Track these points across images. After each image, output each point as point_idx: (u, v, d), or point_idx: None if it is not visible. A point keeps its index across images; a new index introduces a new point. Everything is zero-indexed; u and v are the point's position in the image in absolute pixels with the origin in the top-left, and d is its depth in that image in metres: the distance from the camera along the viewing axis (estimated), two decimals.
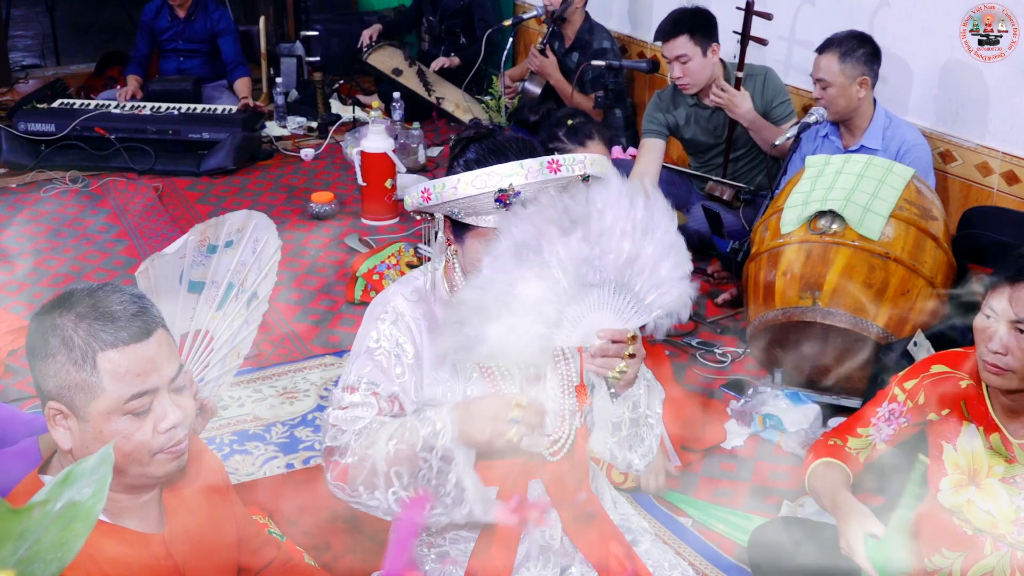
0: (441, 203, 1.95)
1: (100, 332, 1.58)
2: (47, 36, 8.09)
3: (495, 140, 2.04)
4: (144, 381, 1.60)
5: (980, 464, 2.19)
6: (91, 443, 1.61)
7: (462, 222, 2.02)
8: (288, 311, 4.17)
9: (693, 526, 2.96)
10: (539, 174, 1.89)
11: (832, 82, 3.83)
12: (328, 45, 6.90)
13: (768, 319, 3.43)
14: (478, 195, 1.91)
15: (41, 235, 4.85)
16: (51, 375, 1.60)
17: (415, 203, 2.01)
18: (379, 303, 2.13)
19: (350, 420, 2.00)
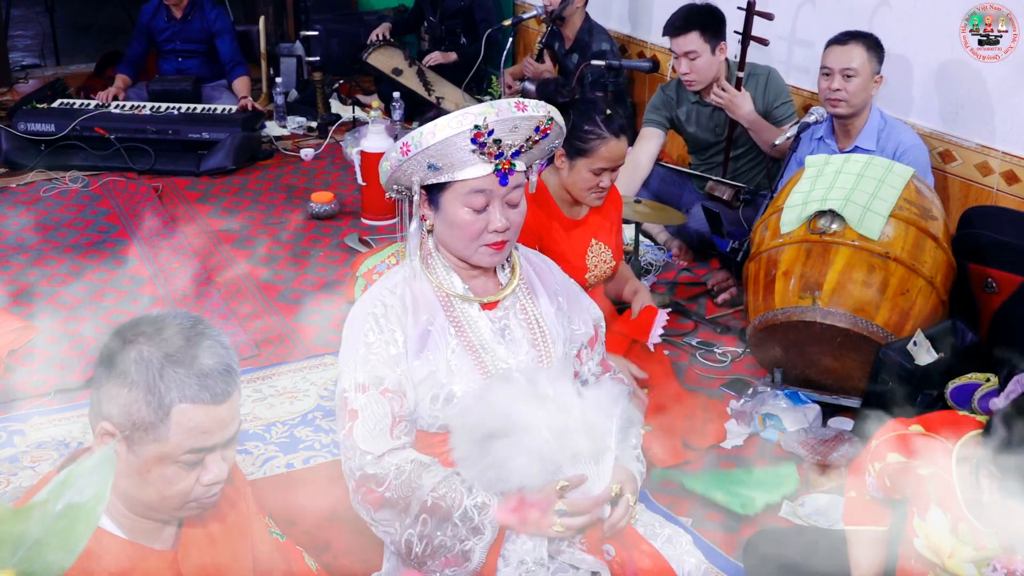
0: (420, 151, 2.02)
1: (185, 384, 1.58)
2: (47, 36, 8.09)
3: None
4: (208, 439, 1.61)
5: (945, 547, 2.11)
6: (134, 475, 1.61)
7: (438, 183, 2.10)
8: (288, 311, 4.17)
9: (693, 525, 2.96)
10: (508, 111, 2.01)
11: (860, 72, 3.80)
12: (328, 45, 6.89)
13: (768, 319, 3.43)
14: (454, 136, 1.99)
15: (41, 235, 4.85)
16: (119, 402, 1.59)
17: (394, 161, 2.08)
18: (366, 300, 2.19)
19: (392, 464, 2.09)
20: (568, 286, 2.40)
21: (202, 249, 4.72)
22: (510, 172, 2.08)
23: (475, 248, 2.15)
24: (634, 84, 5.85)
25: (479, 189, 2.08)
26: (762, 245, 3.57)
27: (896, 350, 3.16)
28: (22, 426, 3.39)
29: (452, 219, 2.12)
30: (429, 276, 2.20)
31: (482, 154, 2.04)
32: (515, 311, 2.24)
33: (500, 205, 2.11)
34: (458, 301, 2.19)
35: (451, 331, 2.17)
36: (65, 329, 3.96)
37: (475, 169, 2.06)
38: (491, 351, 2.17)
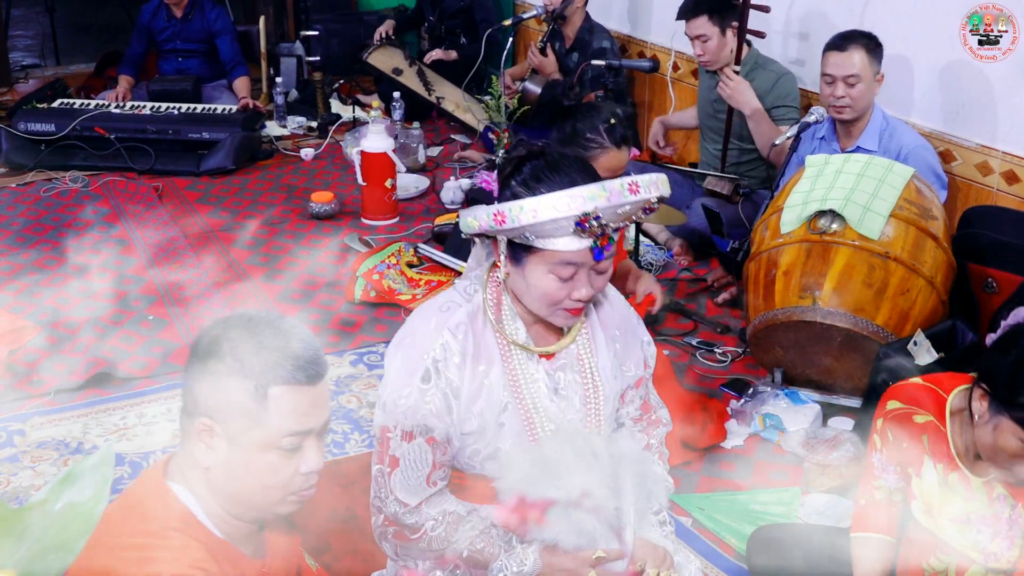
0: (516, 227, 1.90)
1: (279, 366, 1.62)
2: (47, 36, 8.09)
3: (551, 158, 2.00)
4: (306, 421, 1.65)
5: (934, 500, 2.18)
6: (236, 468, 1.64)
7: (527, 244, 1.96)
8: (288, 310, 4.17)
9: (693, 525, 2.96)
10: (620, 195, 1.88)
11: (863, 77, 3.79)
12: (328, 45, 6.89)
13: (768, 319, 3.42)
14: (559, 218, 1.86)
15: (41, 235, 4.85)
16: (218, 394, 1.62)
17: (484, 226, 1.94)
18: (425, 337, 2.06)
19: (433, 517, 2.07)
20: (627, 320, 2.28)
21: (202, 249, 4.72)
22: (607, 247, 1.95)
23: (552, 311, 2.04)
24: (634, 84, 5.85)
25: (571, 262, 1.95)
26: (762, 245, 3.57)
27: (896, 350, 3.16)
28: (22, 426, 3.39)
29: (535, 283, 1.99)
30: (493, 320, 2.09)
31: (582, 233, 1.91)
32: (572, 362, 2.15)
33: (588, 273, 1.99)
34: (517, 350, 2.09)
35: (506, 387, 2.07)
36: (65, 329, 3.96)
37: (570, 242, 1.92)
38: (542, 411, 2.09)
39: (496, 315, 2.09)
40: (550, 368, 2.13)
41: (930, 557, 2.25)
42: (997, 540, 2.12)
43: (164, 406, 3.52)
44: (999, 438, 2.01)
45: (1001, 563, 2.13)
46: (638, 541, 2.09)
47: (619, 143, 3.15)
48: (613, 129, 3.13)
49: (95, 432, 3.37)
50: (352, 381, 3.69)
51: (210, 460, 1.64)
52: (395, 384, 2.05)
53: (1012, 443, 1.99)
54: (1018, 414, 1.97)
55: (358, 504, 2.94)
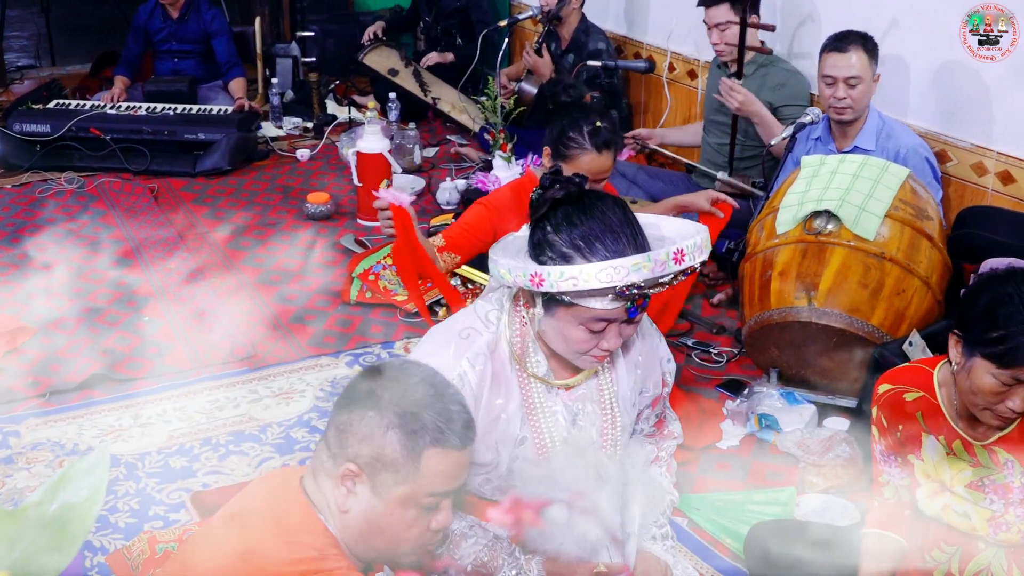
0: (554, 292, 1.86)
1: (437, 430, 1.64)
2: (42, 37, 8.07)
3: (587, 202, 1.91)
4: (450, 484, 1.68)
5: (944, 473, 2.20)
6: (376, 518, 1.66)
7: (561, 300, 1.91)
8: (284, 312, 4.17)
9: (689, 526, 2.96)
10: (664, 267, 1.83)
11: (863, 78, 3.78)
12: (324, 46, 6.89)
13: (764, 319, 3.43)
14: (600, 288, 1.82)
15: (36, 236, 4.84)
16: (370, 442, 1.64)
17: (520, 284, 1.90)
18: (444, 365, 1.98)
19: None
20: (649, 342, 2.24)
21: (198, 250, 4.72)
22: (643, 306, 1.93)
23: (578, 357, 2.01)
24: (630, 84, 5.85)
25: (604, 318, 1.92)
26: (758, 245, 3.57)
27: (892, 350, 3.16)
28: (17, 427, 3.38)
29: (564, 333, 1.96)
30: (515, 353, 2.05)
31: (621, 298, 1.88)
32: (592, 393, 2.13)
33: (619, 326, 1.96)
34: (537, 383, 2.06)
35: (523, 420, 2.05)
36: (61, 330, 3.95)
37: (606, 302, 1.89)
38: (559, 443, 2.08)
39: (520, 349, 2.06)
40: (569, 400, 2.10)
41: (933, 549, 2.25)
42: (1011, 509, 2.13)
43: (160, 407, 3.52)
44: (974, 379, 2.04)
45: (1011, 533, 2.13)
46: (640, 554, 2.09)
47: (600, 147, 3.15)
48: (596, 132, 3.14)
49: (90, 433, 3.36)
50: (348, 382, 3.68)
51: (349, 505, 1.66)
52: None
53: (987, 381, 2.02)
54: (988, 350, 2.00)
55: None
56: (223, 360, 3.80)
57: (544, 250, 1.91)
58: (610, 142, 3.17)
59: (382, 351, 3.88)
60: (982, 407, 2.07)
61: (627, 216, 1.93)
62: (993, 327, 1.99)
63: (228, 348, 3.86)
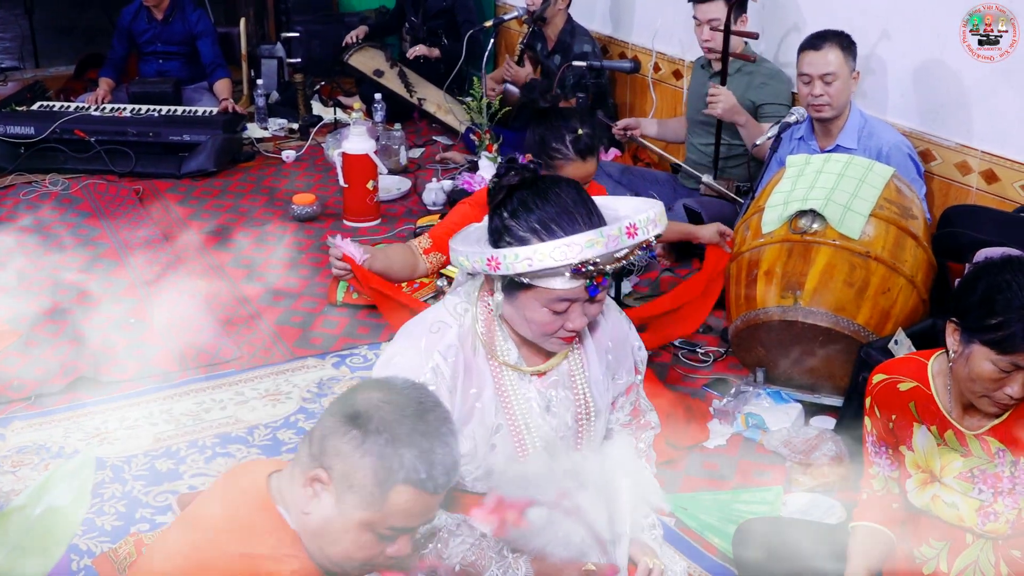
0: (510, 274, 1.88)
1: (416, 469, 1.60)
2: (26, 38, 8.03)
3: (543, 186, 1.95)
4: (413, 522, 1.65)
5: (935, 463, 2.21)
6: (333, 530, 1.64)
7: (521, 282, 1.93)
8: (270, 313, 4.16)
9: (676, 525, 2.97)
10: (618, 241, 1.86)
11: (839, 75, 3.81)
12: (309, 46, 6.88)
13: (750, 318, 3.43)
14: (555, 266, 1.84)
15: (21, 238, 4.82)
16: (347, 460, 1.61)
17: (478, 269, 1.93)
18: (416, 359, 2.03)
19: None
20: (619, 330, 2.26)
21: (183, 252, 4.71)
22: (602, 283, 1.94)
23: (545, 340, 2.02)
24: (615, 85, 5.86)
25: (566, 299, 1.93)
26: (744, 245, 3.58)
27: (877, 349, 3.17)
28: (3, 430, 3.37)
29: (528, 316, 1.97)
30: (484, 342, 2.07)
31: (578, 276, 1.89)
32: (564, 380, 2.14)
33: (582, 305, 1.97)
34: (509, 371, 2.08)
35: (498, 408, 2.06)
36: (46, 333, 3.94)
37: (566, 282, 1.90)
38: (534, 430, 2.09)
39: (488, 338, 2.07)
40: (542, 387, 2.11)
41: (921, 545, 2.26)
42: (999, 499, 2.15)
43: (145, 410, 3.51)
44: (973, 366, 2.06)
45: (999, 523, 2.15)
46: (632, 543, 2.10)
47: (584, 154, 3.15)
48: (578, 140, 3.14)
49: (76, 436, 3.35)
50: (335, 383, 3.68)
51: (311, 508, 1.64)
52: None
53: (986, 368, 2.04)
54: (987, 336, 2.02)
55: None
56: (209, 362, 3.79)
57: (502, 235, 1.93)
58: (592, 148, 3.18)
59: (368, 352, 3.88)
60: (980, 394, 2.09)
61: (581, 196, 1.96)
62: (991, 314, 2.01)
63: (214, 350, 3.85)
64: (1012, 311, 1.98)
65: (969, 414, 2.18)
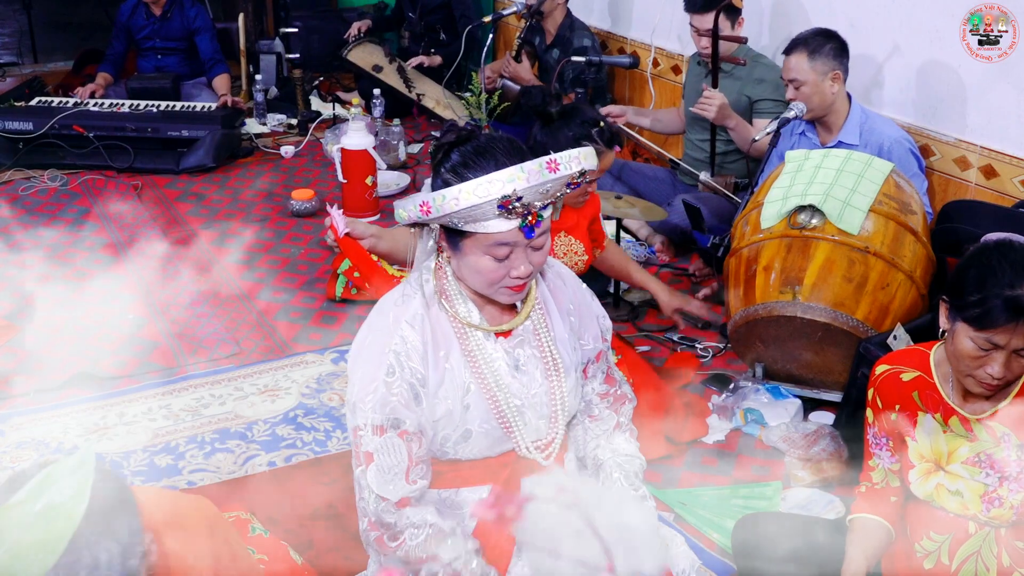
0: (441, 215, 1.92)
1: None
2: (24, 34, 8.03)
3: (479, 142, 2.01)
4: None
5: (941, 451, 2.22)
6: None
7: (460, 229, 1.98)
8: (269, 309, 4.16)
9: (675, 520, 2.97)
10: (539, 175, 1.88)
11: (804, 80, 3.87)
12: (308, 42, 6.87)
13: (749, 314, 3.43)
14: (481, 203, 1.88)
15: (19, 234, 4.82)
16: None
17: (412, 216, 1.97)
18: (384, 332, 2.08)
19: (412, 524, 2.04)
20: (580, 296, 2.31)
21: (182, 247, 4.71)
22: (537, 224, 1.96)
23: (495, 290, 2.06)
24: (614, 80, 5.85)
25: (503, 242, 1.97)
26: (742, 240, 3.58)
27: (876, 344, 3.17)
28: (2, 426, 3.37)
29: (473, 265, 2.01)
30: (446, 306, 2.11)
31: (508, 215, 1.92)
32: (529, 338, 2.17)
33: (524, 251, 2.00)
34: (473, 332, 2.11)
35: (466, 368, 2.10)
36: (45, 328, 3.94)
37: (500, 223, 1.93)
38: (505, 388, 2.11)
39: (449, 301, 2.11)
40: (508, 346, 2.15)
41: (922, 538, 2.26)
42: (1005, 484, 2.15)
43: (145, 405, 3.51)
44: (956, 343, 2.09)
45: (1004, 509, 2.15)
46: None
47: (610, 144, 3.26)
48: (604, 131, 3.24)
49: (75, 432, 3.35)
50: (333, 379, 3.68)
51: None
52: (360, 382, 2.06)
53: (967, 345, 2.07)
54: (966, 313, 2.05)
55: (340, 502, 2.94)
56: (208, 358, 3.79)
57: (438, 184, 2.00)
58: (618, 135, 3.33)
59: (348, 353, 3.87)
60: (965, 374, 2.12)
61: (516, 146, 2.01)
62: (972, 291, 2.05)
63: (213, 346, 3.85)
64: (988, 288, 2.02)
65: (970, 400, 2.20)
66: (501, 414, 2.11)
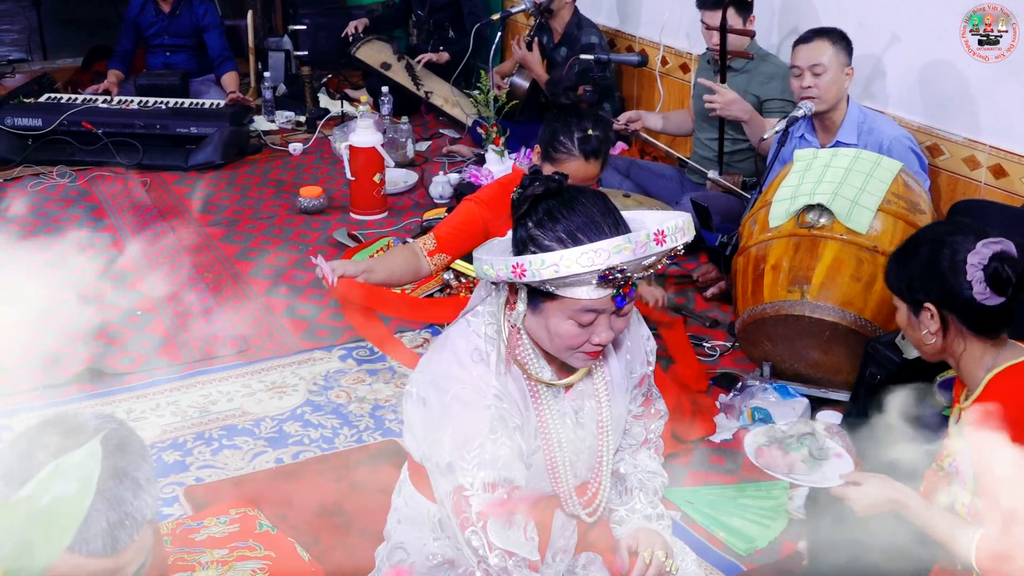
0: (536, 280, 1.84)
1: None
2: (33, 30, 8.04)
3: (567, 195, 1.91)
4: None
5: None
6: None
7: (547, 291, 1.89)
8: (277, 306, 4.17)
9: (682, 519, 2.97)
10: (645, 248, 1.80)
11: (828, 67, 3.81)
12: (316, 39, 6.87)
13: (757, 313, 3.43)
14: (583, 273, 1.79)
15: (28, 230, 4.83)
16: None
17: (502, 276, 1.87)
18: (476, 390, 1.96)
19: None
20: (634, 325, 2.23)
21: (190, 244, 4.71)
22: (630, 293, 1.90)
23: (571, 354, 1.97)
24: (622, 78, 5.85)
25: (592, 309, 1.89)
26: (750, 239, 3.58)
27: (884, 344, 3.16)
28: (9, 421, 3.38)
29: (554, 328, 1.92)
30: (519, 364, 2.02)
31: (605, 284, 1.85)
32: (588, 387, 2.11)
33: (608, 317, 1.92)
34: (544, 389, 2.04)
35: (536, 429, 2.03)
36: (53, 324, 3.94)
37: (592, 291, 1.85)
38: (566, 445, 2.06)
39: (521, 358, 2.03)
40: (571, 401, 2.09)
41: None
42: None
43: (152, 402, 3.51)
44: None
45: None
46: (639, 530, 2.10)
47: (588, 155, 3.12)
48: (587, 140, 3.12)
49: None
50: (341, 376, 3.69)
51: None
52: (457, 440, 1.94)
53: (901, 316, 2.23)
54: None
55: (347, 499, 2.94)
56: (216, 354, 3.80)
57: (527, 245, 1.89)
58: (598, 151, 3.15)
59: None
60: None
61: (608, 206, 1.92)
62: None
63: (220, 342, 3.85)
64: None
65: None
66: (555, 473, 2.06)
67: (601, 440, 2.13)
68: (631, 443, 2.28)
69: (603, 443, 2.13)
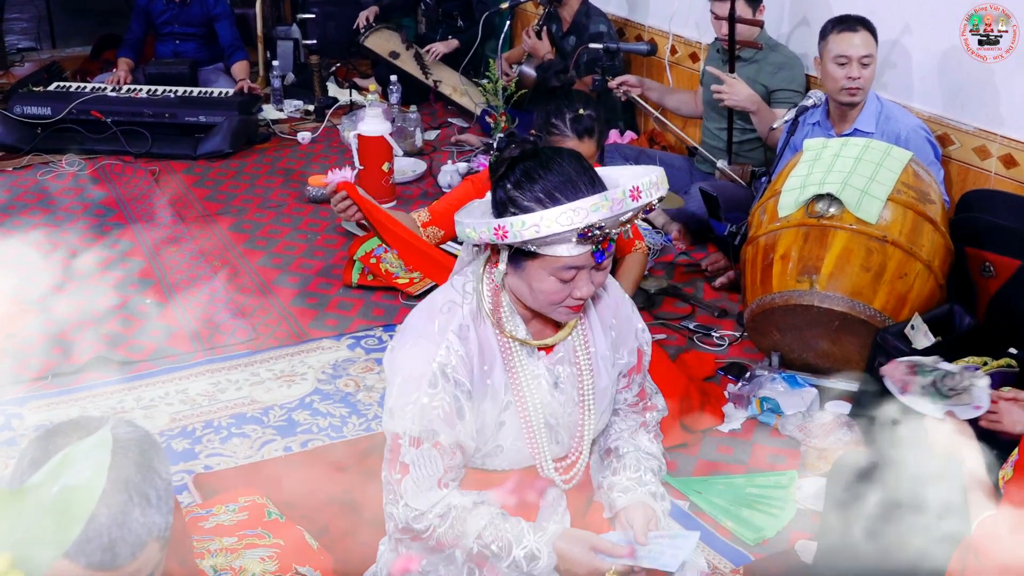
0: (518, 241, 1.88)
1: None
2: (43, 19, 8.05)
3: (543, 156, 1.96)
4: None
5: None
6: None
7: (528, 251, 1.93)
8: (285, 295, 4.17)
9: (690, 508, 2.97)
10: (623, 204, 1.85)
11: (874, 57, 3.82)
12: (325, 28, 6.87)
13: (765, 302, 3.42)
14: (563, 231, 1.84)
15: (37, 219, 4.84)
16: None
17: (485, 238, 1.92)
18: (429, 340, 2.02)
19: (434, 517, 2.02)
20: (622, 309, 2.26)
21: (199, 233, 4.72)
22: (608, 248, 1.94)
23: (554, 309, 2.02)
24: (631, 67, 5.83)
25: (573, 266, 1.93)
26: (760, 229, 3.57)
27: (893, 334, 3.16)
28: (20, 409, 3.39)
29: (537, 286, 1.97)
30: (494, 320, 2.06)
31: (585, 241, 1.89)
32: (570, 354, 2.14)
33: (588, 272, 1.97)
34: (518, 347, 2.07)
35: (508, 387, 2.06)
36: (62, 312, 3.95)
37: (572, 248, 1.90)
38: (543, 407, 2.09)
39: (496, 314, 2.07)
40: (550, 363, 2.11)
41: None
42: None
43: (162, 390, 3.52)
44: None
45: None
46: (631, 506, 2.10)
47: (580, 134, 3.19)
48: (578, 120, 3.17)
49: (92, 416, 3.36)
50: (350, 365, 3.69)
51: None
52: (401, 390, 2.01)
53: None
54: None
55: (355, 488, 2.95)
56: (224, 343, 3.80)
57: (507, 207, 1.94)
58: (591, 130, 3.20)
59: (383, 333, 3.88)
60: None
61: (583, 165, 1.97)
62: None
63: (229, 331, 3.86)
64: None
65: None
66: (531, 433, 2.08)
67: (582, 409, 2.15)
68: (629, 425, 2.30)
69: (584, 412, 2.15)
